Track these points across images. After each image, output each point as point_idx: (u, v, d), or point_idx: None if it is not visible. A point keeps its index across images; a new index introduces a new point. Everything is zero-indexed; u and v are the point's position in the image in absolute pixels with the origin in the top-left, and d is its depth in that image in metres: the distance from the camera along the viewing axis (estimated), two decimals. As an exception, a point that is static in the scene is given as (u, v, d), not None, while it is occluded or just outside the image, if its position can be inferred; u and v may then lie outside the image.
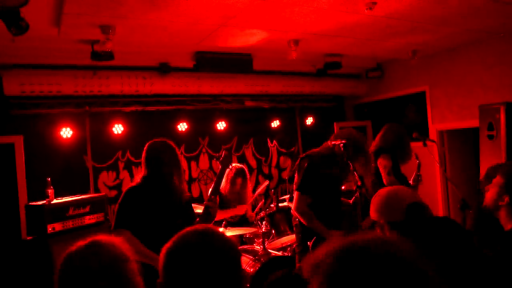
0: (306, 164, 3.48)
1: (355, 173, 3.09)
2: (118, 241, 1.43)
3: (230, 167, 3.18)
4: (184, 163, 5.98)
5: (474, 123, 4.86)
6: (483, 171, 4.35)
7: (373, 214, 1.97)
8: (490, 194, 2.37)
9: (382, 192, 2.00)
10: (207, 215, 2.91)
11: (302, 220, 3.45)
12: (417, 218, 1.84)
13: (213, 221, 3.04)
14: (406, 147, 4.30)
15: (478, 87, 5.27)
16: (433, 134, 5.89)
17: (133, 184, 2.90)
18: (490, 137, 4.24)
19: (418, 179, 4.31)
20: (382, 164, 4.18)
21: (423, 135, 4.39)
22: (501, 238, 2.27)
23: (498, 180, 2.36)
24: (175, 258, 1.25)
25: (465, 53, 5.41)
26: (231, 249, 1.29)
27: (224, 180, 4.85)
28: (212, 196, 2.94)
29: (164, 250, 1.28)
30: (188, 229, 1.33)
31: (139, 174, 2.91)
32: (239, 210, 4.74)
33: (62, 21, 3.45)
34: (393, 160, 4.21)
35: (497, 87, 5.02)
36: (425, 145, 4.29)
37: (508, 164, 2.62)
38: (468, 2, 3.62)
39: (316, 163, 3.48)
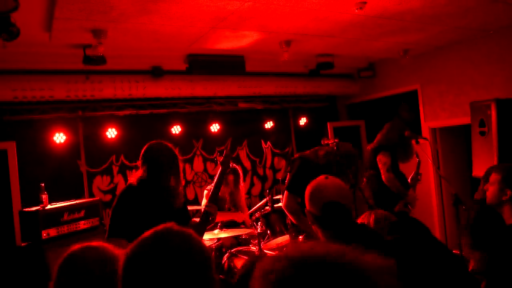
0: (296, 166, 3.53)
1: (348, 171, 3.12)
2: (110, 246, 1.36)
3: (231, 166, 3.16)
4: (179, 166, 5.96)
5: (465, 120, 4.90)
6: (475, 167, 4.38)
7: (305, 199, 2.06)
8: (490, 192, 2.47)
9: (315, 182, 2.06)
10: (206, 221, 2.89)
11: (291, 218, 3.50)
12: (332, 217, 1.94)
13: (211, 225, 3.02)
14: (408, 146, 4.34)
15: (468, 85, 5.31)
16: (425, 131, 5.93)
17: (129, 182, 2.82)
18: (482, 133, 4.27)
19: (417, 178, 4.34)
20: (382, 161, 4.20)
21: (415, 133, 4.43)
22: (502, 232, 2.34)
23: (495, 177, 2.46)
24: (131, 265, 1.13)
25: (456, 51, 5.45)
26: (195, 250, 1.16)
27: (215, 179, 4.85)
28: (211, 203, 2.92)
29: (122, 257, 1.17)
30: (147, 233, 1.21)
31: (135, 175, 2.83)
32: (238, 217, 4.72)
33: (53, 26, 3.45)
34: (393, 158, 4.23)
35: (487, 84, 5.06)
36: (417, 143, 4.33)
37: (504, 164, 2.73)
38: (456, 0, 3.66)
39: (309, 169, 3.49)
